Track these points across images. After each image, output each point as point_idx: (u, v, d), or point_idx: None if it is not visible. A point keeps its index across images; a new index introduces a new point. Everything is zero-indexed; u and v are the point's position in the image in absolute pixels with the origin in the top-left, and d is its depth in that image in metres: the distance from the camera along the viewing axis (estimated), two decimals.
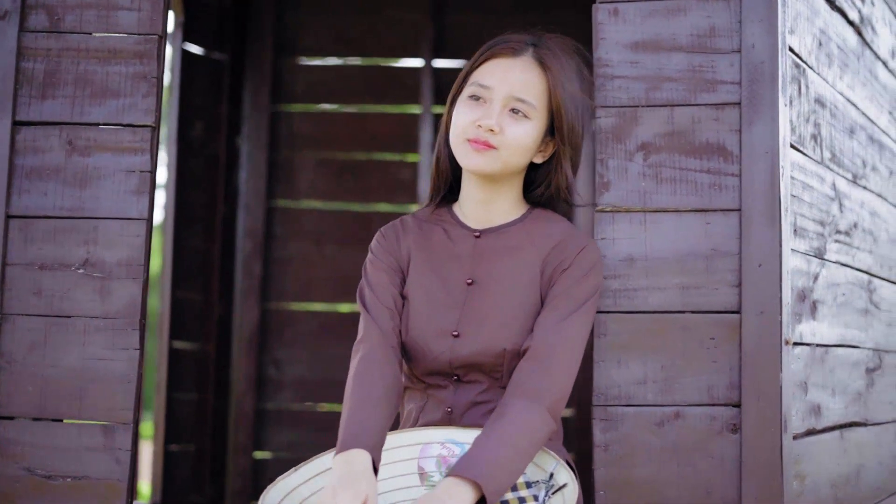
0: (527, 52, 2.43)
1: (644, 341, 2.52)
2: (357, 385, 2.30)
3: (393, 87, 5.49)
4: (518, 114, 2.37)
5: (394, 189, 5.44)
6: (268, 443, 5.32)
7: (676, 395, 2.51)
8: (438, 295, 2.44)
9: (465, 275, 2.45)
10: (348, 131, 5.43)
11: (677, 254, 2.53)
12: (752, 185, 2.52)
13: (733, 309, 2.50)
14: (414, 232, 2.51)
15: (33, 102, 2.63)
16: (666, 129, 2.56)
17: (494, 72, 2.41)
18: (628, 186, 2.56)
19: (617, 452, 2.50)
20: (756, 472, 2.46)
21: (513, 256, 2.43)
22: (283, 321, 5.37)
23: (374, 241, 2.54)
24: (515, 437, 2.19)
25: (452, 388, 2.43)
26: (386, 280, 2.46)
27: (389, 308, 2.42)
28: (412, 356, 2.44)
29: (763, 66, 2.54)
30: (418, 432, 2.41)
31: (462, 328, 2.40)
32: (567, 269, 2.39)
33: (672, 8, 2.59)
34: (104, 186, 2.60)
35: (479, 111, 2.38)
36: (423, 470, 2.38)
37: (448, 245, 2.47)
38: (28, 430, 2.55)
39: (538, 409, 2.23)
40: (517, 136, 2.37)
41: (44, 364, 2.56)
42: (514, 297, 2.40)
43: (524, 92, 2.38)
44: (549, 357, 2.28)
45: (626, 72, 2.59)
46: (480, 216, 2.49)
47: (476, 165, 2.38)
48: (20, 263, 2.59)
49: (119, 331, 2.57)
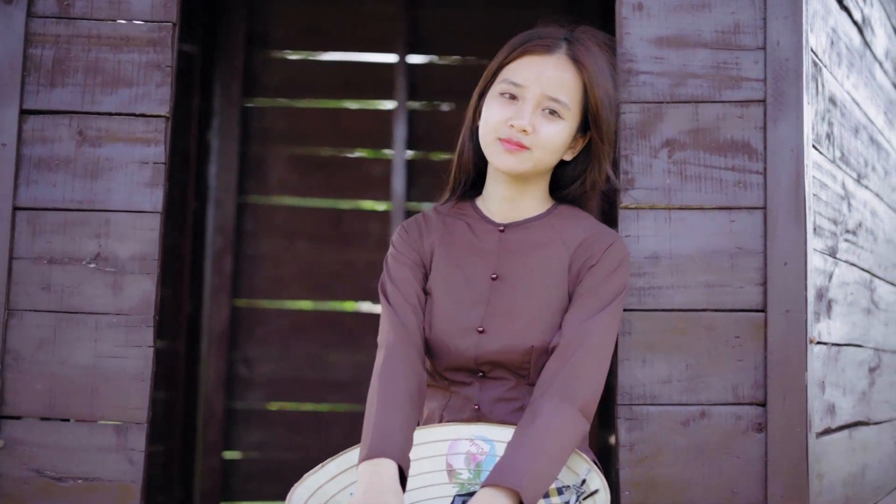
0: (560, 50, 2.37)
1: (669, 340, 2.50)
2: (381, 387, 2.24)
3: (367, 83, 5.42)
4: (552, 114, 2.33)
5: (367, 186, 5.37)
6: (238, 443, 5.23)
7: (702, 395, 2.48)
8: (463, 290, 2.39)
9: (489, 270, 2.40)
10: (321, 127, 5.36)
11: (702, 252, 2.51)
12: (777, 183, 2.51)
13: (758, 307, 2.49)
14: (437, 227, 2.46)
15: (41, 90, 2.54)
16: (691, 126, 2.54)
17: (528, 70, 2.35)
18: (653, 183, 2.53)
19: (642, 452, 2.47)
20: (782, 472, 2.44)
21: (539, 252, 2.39)
22: (254, 319, 5.28)
23: (395, 235, 2.48)
24: (550, 441, 2.14)
25: (478, 384, 2.38)
26: (409, 275, 2.41)
27: (413, 304, 2.37)
28: (436, 353, 2.39)
29: (788, 63, 2.54)
30: (446, 428, 2.36)
31: (487, 324, 2.35)
32: (595, 265, 2.34)
33: (696, 4, 2.57)
34: (116, 178, 2.52)
35: (511, 110, 2.32)
36: (451, 467, 2.33)
37: (472, 240, 2.43)
38: (37, 429, 2.46)
39: (570, 410, 2.19)
40: (550, 136, 2.32)
41: (53, 361, 2.47)
42: (542, 293, 2.35)
43: (558, 91, 2.33)
44: (579, 355, 2.24)
45: (650, 67, 2.56)
46: (506, 212, 2.44)
47: (508, 166, 2.34)
48: (28, 257, 2.50)
49: (133, 327, 2.48)
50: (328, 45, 5.42)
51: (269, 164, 5.34)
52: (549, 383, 2.22)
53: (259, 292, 5.30)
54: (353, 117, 5.45)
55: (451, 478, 2.32)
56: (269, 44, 5.40)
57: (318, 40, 5.43)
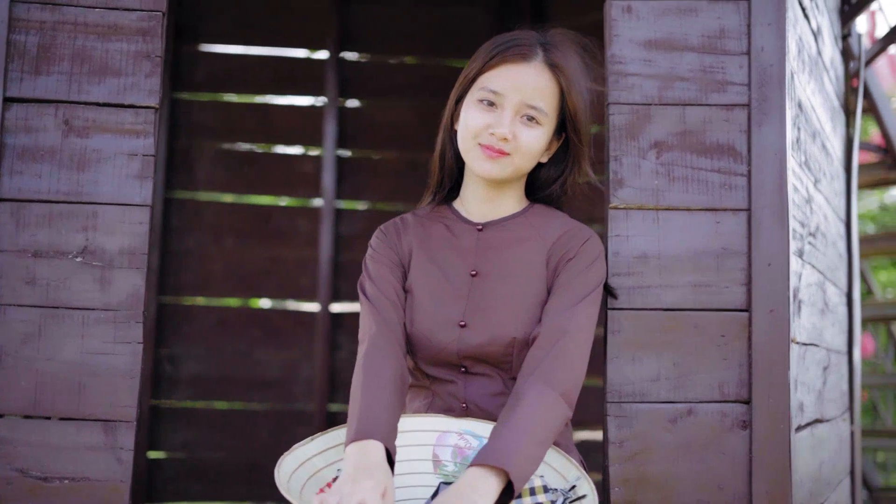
0: (537, 57, 2.40)
1: (657, 338, 2.53)
2: (366, 374, 2.26)
3: (297, 78, 5.37)
4: (531, 120, 2.38)
5: (296, 182, 5.32)
6: (162, 442, 5.13)
7: (689, 392, 2.53)
8: (442, 286, 2.43)
9: (468, 266, 2.45)
10: (250, 122, 5.30)
11: (689, 252, 2.55)
12: (761, 186, 2.56)
13: (742, 307, 2.54)
14: (414, 229, 2.51)
15: (26, 78, 2.45)
16: (678, 128, 2.59)
17: (506, 78, 2.38)
18: (642, 184, 2.57)
19: (631, 449, 2.51)
20: (766, 468, 2.50)
21: (517, 248, 2.45)
22: (181, 316, 5.19)
23: (373, 237, 2.52)
24: (535, 424, 2.17)
25: (462, 382, 2.41)
26: (388, 273, 2.45)
27: (392, 300, 2.41)
28: (418, 348, 2.42)
29: (772, 69, 2.60)
30: (436, 419, 2.38)
31: (469, 318, 2.39)
32: (572, 258, 2.40)
33: (684, 8, 2.62)
34: (104, 170, 2.45)
35: (490, 117, 2.37)
36: (437, 458, 2.35)
37: (450, 239, 2.48)
38: (21, 428, 2.38)
39: (553, 395, 2.22)
40: (530, 142, 2.38)
41: (39, 358, 2.39)
42: (521, 287, 2.40)
43: (536, 98, 2.38)
44: (561, 343, 2.28)
45: (639, 69, 2.60)
46: (484, 212, 2.50)
47: (488, 172, 2.39)
48: (12, 250, 2.42)
49: (121, 323, 2.42)
50: (257, 39, 5.36)
51: (197, 159, 5.25)
52: (532, 369, 2.26)
53: (186, 289, 5.21)
54: (283, 113, 5.39)
55: (437, 468, 2.34)
56: (198, 37, 5.31)
57: (248, 34, 5.36)
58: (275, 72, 5.35)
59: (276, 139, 5.33)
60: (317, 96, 5.35)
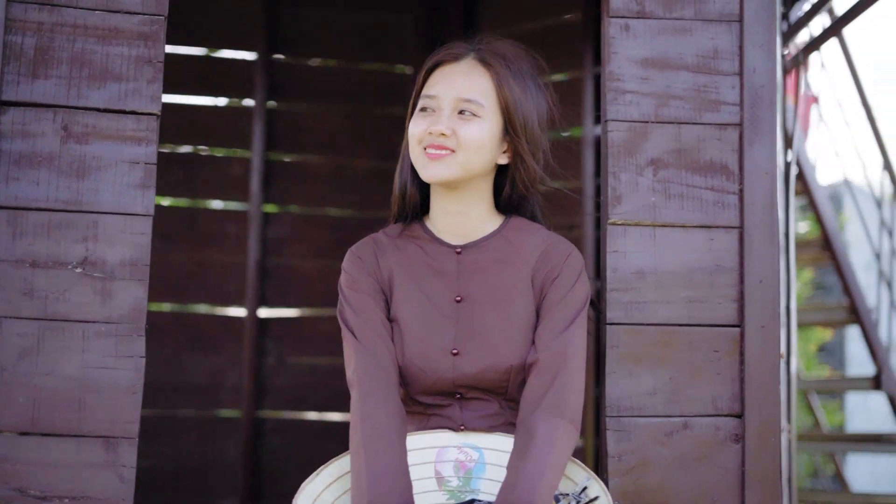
0: (468, 55, 2.39)
1: (653, 353, 2.57)
2: (366, 431, 2.20)
3: (225, 80, 5.28)
4: (467, 114, 2.33)
5: (224, 185, 5.24)
6: None
7: (684, 406, 2.57)
8: (429, 313, 2.36)
9: (452, 292, 2.39)
10: (177, 123, 5.17)
11: (684, 268, 2.60)
12: (753, 204, 2.62)
13: (735, 323, 2.60)
14: (390, 249, 2.42)
15: (22, 81, 2.36)
16: (674, 146, 2.63)
17: (439, 80, 2.37)
18: (639, 201, 2.60)
19: (629, 463, 2.53)
20: (758, 481, 2.56)
21: (499, 269, 2.40)
22: None
23: (347, 261, 2.41)
24: (551, 457, 2.18)
25: (457, 405, 2.38)
26: (371, 304, 2.35)
27: (380, 333, 2.33)
28: (410, 379, 2.36)
29: (763, 90, 2.66)
30: (433, 435, 2.36)
31: (461, 346, 2.35)
32: (557, 277, 2.37)
33: (679, 28, 2.66)
34: (104, 178, 2.38)
35: (429, 120, 2.32)
36: (440, 474, 2.33)
37: (428, 262, 2.41)
38: (19, 445, 2.29)
39: (563, 425, 2.23)
40: (470, 135, 2.31)
41: (37, 373, 2.31)
42: (510, 311, 2.37)
43: (469, 92, 2.34)
44: (561, 369, 2.28)
45: (636, 87, 2.63)
46: (456, 230, 2.42)
47: (434, 174, 2.32)
48: (8, 260, 2.32)
49: (122, 336, 2.35)
50: (184, 39, 5.25)
51: None
52: (538, 401, 2.25)
53: None
54: (211, 115, 5.30)
55: (441, 485, 2.32)
56: None
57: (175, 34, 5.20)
58: (202, 73, 5.25)
59: (203, 141, 5.24)
60: (245, 98, 5.27)
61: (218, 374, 5.14)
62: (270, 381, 5.18)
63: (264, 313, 5.22)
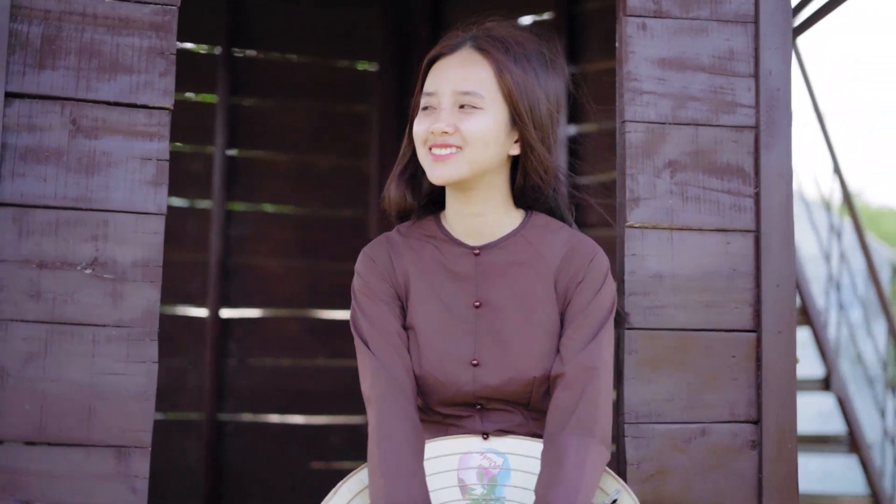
0: (465, 45, 2.25)
1: (671, 358, 2.53)
2: (384, 452, 2.14)
3: (186, 74, 5.12)
4: (467, 107, 2.20)
5: (186, 182, 5.11)
6: None
7: (701, 413, 2.53)
8: (447, 321, 2.25)
9: (470, 297, 2.27)
10: None
11: (701, 272, 2.56)
12: (770, 208, 2.59)
13: (751, 328, 2.57)
14: (405, 251, 2.30)
15: (28, 72, 2.24)
16: (691, 148, 2.59)
17: (437, 76, 2.24)
18: (657, 203, 2.56)
19: (648, 470, 2.49)
20: (775, 488, 2.53)
21: (519, 272, 2.28)
22: None
23: (360, 264, 2.30)
24: (584, 479, 2.10)
25: (478, 416, 2.29)
26: (385, 311, 2.25)
27: (395, 344, 2.23)
28: (428, 390, 2.26)
29: (779, 92, 2.63)
30: (454, 441, 2.27)
31: (481, 356, 2.24)
32: (581, 281, 2.26)
33: (696, 28, 2.62)
34: (115, 175, 2.27)
35: (430, 119, 2.21)
36: (463, 482, 2.25)
37: (444, 264, 2.28)
38: (25, 455, 2.18)
39: (595, 444, 2.14)
40: (474, 129, 2.18)
41: (44, 378, 2.20)
42: (531, 317, 2.26)
43: (467, 84, 2.20)
44: (589, 383, 2.18)
45: (654, 88, 2.58)
46: (473, 230, 2.30)
47: (442, 175, 2.20)
48: (14, 260, 2.21)
49: (134, 341, 2.25)
50: None
51: None
52: (566, 418, 2.16)
53: None
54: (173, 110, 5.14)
55: (465, 494, 2.24)
56: None
57: None
58: None
59: None
60: (208, 93, 5.15)
61: (179, 376, 5.02)
62: (232, 383, 5.07)
63: (226, 314, 5.11)
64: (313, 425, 5.16)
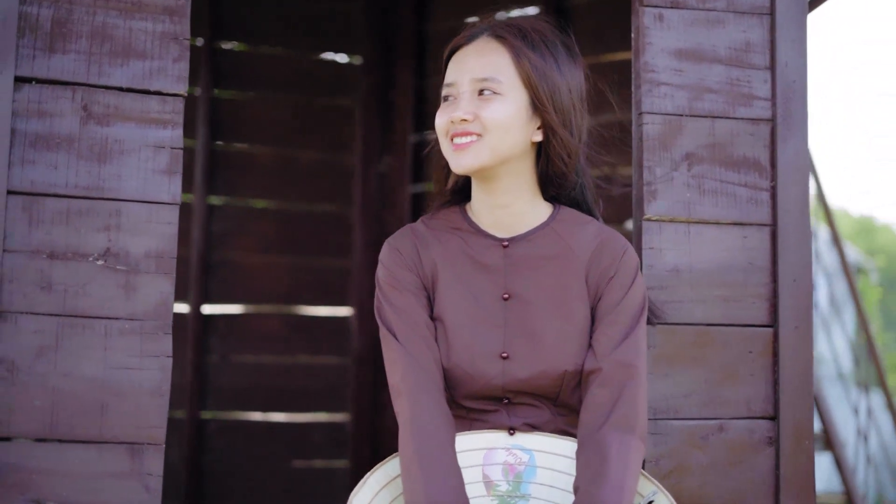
0: (482, 35, 2.23)
1: (689, 354, 2.50)
2: (419, 446, 2.10)
3: None
4: (486, 93, 2.17)
5: None
6: None
7: (719, 409, 2.50)
8: (475, 313, 2.22)
9: (499, 289, 2.23)
10: None
11: (718, 266, 2.53)
12: (787, 202, 2.57)
13: (767, 323, 2.54)
14: (433, 242, 2.27)
15: (38, 55, 2.17)
16: (708, 141, 2.55)
17: (455, 66, 2.22)
18: (674, 196, 2.52)
19: (667, 466, 2.46)
20: (792, 485, 2.50)
21: (549, 266, 2.24)
22: None
23: (385, 255, 2.25)
24: (627, 479, 2.06)
25: (504, 411, 2.25)
26: (413, 302, 2.21)
27: (423, 335, 2.19)
28: (455, 383, 2.22)
29: (795, 84, 2.61)
30: (479, 436, 2.22)
31: (510, 349, 2.20)
32: (613, 276, 2.22)
33: (712, 19, 2.59)
34: (128, 163, 2.20)
35: (450, 109, 2.19)
36: (488, 478, 2.20)
37: (472, 256, 2.25)
38: (35, 453, 2.11)
39: (635, 442, 2.11)
40: (493, 115, 2.16)
41: (55, 373, 2.12)
42: (561, 311, 2.22)
43: (485, 70, 2.18)
44: (628, 380, 2.15)
45: (671, 79, 2.55)
46: (500, 222, 2.27)
47: (464, 165, 2.17)
48: (24, 250, 2.13)
49: (148, 335, 2.19)
50: None
51: None
52: (606, 414, 2.13)
53: None
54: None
55: (489, 490, 2.19)
56: None
57: None
58: None
59: None
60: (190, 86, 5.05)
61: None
62: (214, 381, 4.99)
63: (208, 309, 5.03)
64: (295, 423, 5.09)
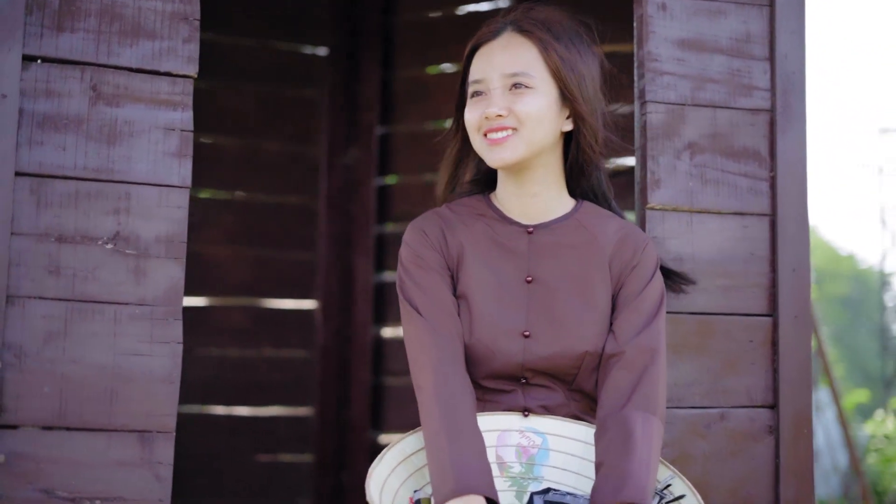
0: (506, 29, 2.28)
1: (692, 343, 2.51)
2: (445, 414, 2.11)
3: None
4: (520, 87, 2.22)
5: None
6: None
7: (720, 398, 2.52)
8: (499, 293, 2.26)
9: (522, 272, 2.27)
10: None
11: (720, 255, 2.54)
12: (786, 192, 2.59)
13: (767, 312, 2.56)
14: (457, 225, 2.31)
15: (46, 34, 2.11)
16: (709, 131, 2.57)
17: (482, 62, 2.27)
18: (677, 185, 2.53)
19: (669, 455, 2.45)
20: (792, 473, 2.53)
21: (572, 253, 2.29)
22: None
23: (410, 235, 2.29)
24: (650, 454, 2.10)
25: (520, 391, 2.26)
26: (437, 280, 2.24)
27: (448, 311, 2.22)
28: (476, 359, 2.24)
29: (794, 76, 2.63)
30: (493, 417, 2.24)
31: (533, 328, 2.24)
32: (636, 266, 2.27)
33: (713, 9, 2.60)
34: (138, 145, 2.15)
35: (482, 104, 2.23)
36: (501, 459, 2.22)
37: (496, 240, 2.29)
38: (44, 441, 2.05)
39: (657, 421, 2.15)
40: (527, 109, 2.20)
41: (63, 359, 2.07)
42: (583, 295, 2.26)
43: (515, 65, 2.23)
44: (650, 364, 2.19)
45: (673, 69, 2.56)
46: (527, 210, 2.31)
47: (501, 158, 2.22)
48: (32, 233, 2.08)
49: (158, 320, 2.14)
50: None
51: None
52: (628, 394, 2.16)
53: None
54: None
55: (502, 471, 2.21)
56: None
57: None
58: None
59: None
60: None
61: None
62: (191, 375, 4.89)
63: None
64: (259, 417, 5.03)
